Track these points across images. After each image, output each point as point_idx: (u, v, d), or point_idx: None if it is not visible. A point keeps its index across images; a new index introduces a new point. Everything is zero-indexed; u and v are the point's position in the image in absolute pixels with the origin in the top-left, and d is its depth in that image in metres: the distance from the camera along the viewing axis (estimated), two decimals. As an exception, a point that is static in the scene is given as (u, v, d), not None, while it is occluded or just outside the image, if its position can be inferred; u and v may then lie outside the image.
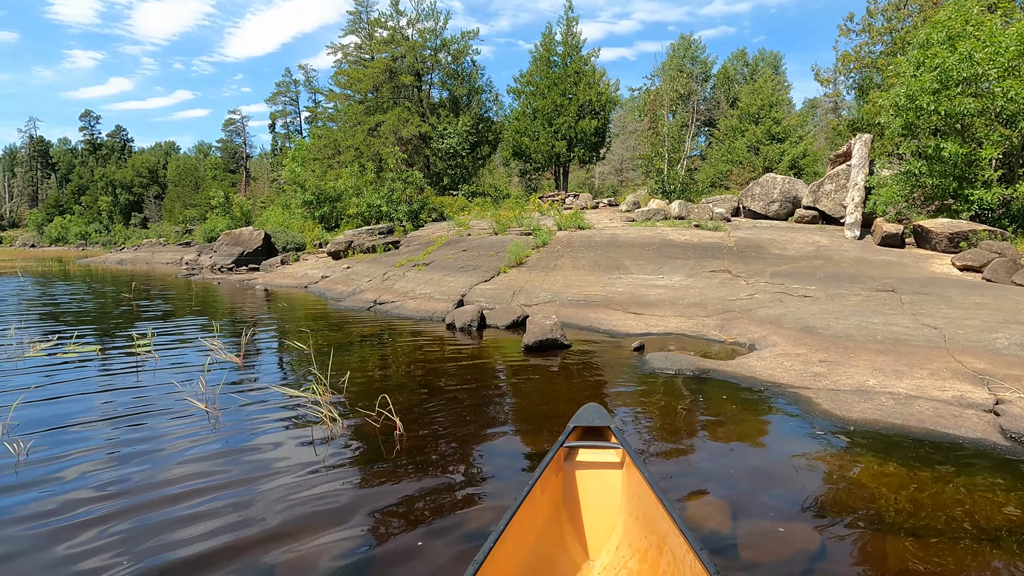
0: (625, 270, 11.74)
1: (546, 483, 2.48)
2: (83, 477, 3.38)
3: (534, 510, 2.32)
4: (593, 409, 3.00)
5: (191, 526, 2.81)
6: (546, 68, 29.70)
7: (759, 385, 4.98)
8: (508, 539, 2.04)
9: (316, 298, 13.04)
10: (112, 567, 2.49)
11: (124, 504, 3.03)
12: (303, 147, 31.42)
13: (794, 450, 3.63)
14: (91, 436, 4.05)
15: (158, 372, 5.96)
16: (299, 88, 62.62)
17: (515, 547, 2.11)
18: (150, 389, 5.27)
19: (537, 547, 2.30)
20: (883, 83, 18.14)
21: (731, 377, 5.24)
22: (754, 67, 48.56)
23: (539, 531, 2.36)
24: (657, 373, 5.52)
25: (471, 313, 8.31)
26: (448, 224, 19.06)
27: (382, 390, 5.16)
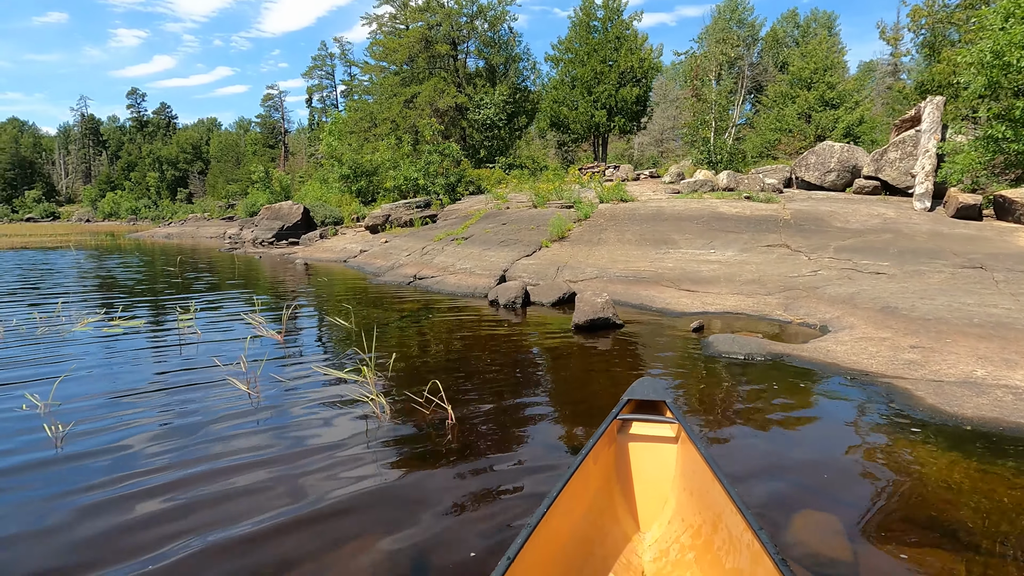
0: (673, 244, 11.15)
1: (599, 454, 2.47)
2: (121, 458, 3.23)
3: (586, 480, 2.32)
4: (648, 383, 2.95)
5: (241, 504, 2.60)
6: (586, 34, 28.52)
7: (844, 373, 4.47)
8: (560, 507, 2.04)
9: (355, 272, 12.93)
10: (161, 544, 2.40)
11: (171, 477, 2.86)
12: (339, 121, 31.29)
13: (908, 458, 3.09)
14: (128, 418, 3.90)
15: (201, 347, 5.85)
16: (335, 62, 62.58)
17: (566, 515, 2.11)
18: (191, 366, 5.13)
19: (589, 516, 2.31)
20: (961, 39, 16.58)
21: (809, 363, 4.74)
22: (805, 28, 45.75)
23: (590, 501, 2.36)
24: (722, 357, 5.06)
25: (515, 289, 7.96)
26: (486, 197, 18.65)
27: (428, 372, 4.88)
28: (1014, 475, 2.87)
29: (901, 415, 3.65)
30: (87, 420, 3.82)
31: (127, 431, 3.63)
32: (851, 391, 4.12)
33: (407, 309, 8.09)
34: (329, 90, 64.22)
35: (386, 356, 5.37)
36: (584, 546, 2.20)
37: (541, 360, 5.35)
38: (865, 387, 4.17)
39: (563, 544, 2.08)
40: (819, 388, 4.23)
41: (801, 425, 3.57)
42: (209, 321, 7.31)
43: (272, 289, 10.63)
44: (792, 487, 2.83)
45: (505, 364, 5.19)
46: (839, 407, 3.82)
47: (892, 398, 3.91)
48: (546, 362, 5.29)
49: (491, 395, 4.30)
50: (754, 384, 4.40)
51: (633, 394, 2.85)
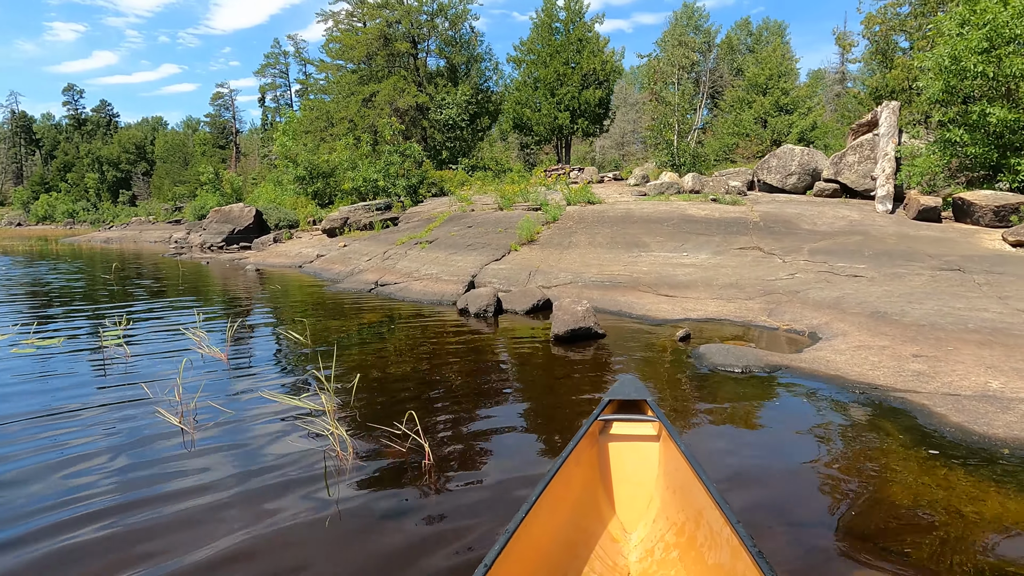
0: (645, 247, 10.87)
1: (581, 455, 2.44)
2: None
3: (568, 481, 2.28)
4: (629, 382, 2.92)
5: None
6: (548, 35, 28.29)
7: (851, 387, 4.14)
8: (542, 510, 1.99)
9: (311, 279, 12.13)
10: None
11: (55, 553, 2.20)
12: (294, 120, 30.05)
13: (955, 494, 2.69)
14: (13, 460, 3.18)
15: (130, 369, 5.09)
16: (289, 60, 60.60)
17: (549, 517, 2.05)
18: (112, 397, 4.38)
19: (572, 518, 2.27)
20: (913, 47, 17.07)
21: (811, 377, 4.40)
22: (758, 36, 47.03)
23: (574, 502, 2.32)
24: (718, 371, 4.68)
25: (486, 297, 7.44)
26: (449, 199, 18.05)
27: (397, 396, 4.31)
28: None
29: (929, 438, 3.29)
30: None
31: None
32: (867, 410, 3.78)
33: (369, 320, 7.44)
34: (283, 89, 62.20)
35: (348, 376, 4.76)
36: (568, 549, 2.14)
37: (523, 378, 4.85)
38: (879, 404, 3.84)
39: (545, 548, 2.01)
40: (831, 407, 3.87)
41: (832, 461, 3.16)
42: (143, 337, 6.49)
43: (219, 299, 9.75)
44: (843, 540, 2.41)
45: (484, 383, 4.67)
46: (861, 432, 3.43)
47: (913, 417, 3.58)
48: (529, 380, 4.79)
49: (471, 423, 3.77)
50: (760, 404, 4.01)
51: (615, 394, 2.82)
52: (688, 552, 2.05)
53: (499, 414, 3.94)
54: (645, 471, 2.58)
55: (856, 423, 3.58)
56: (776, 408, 3.92)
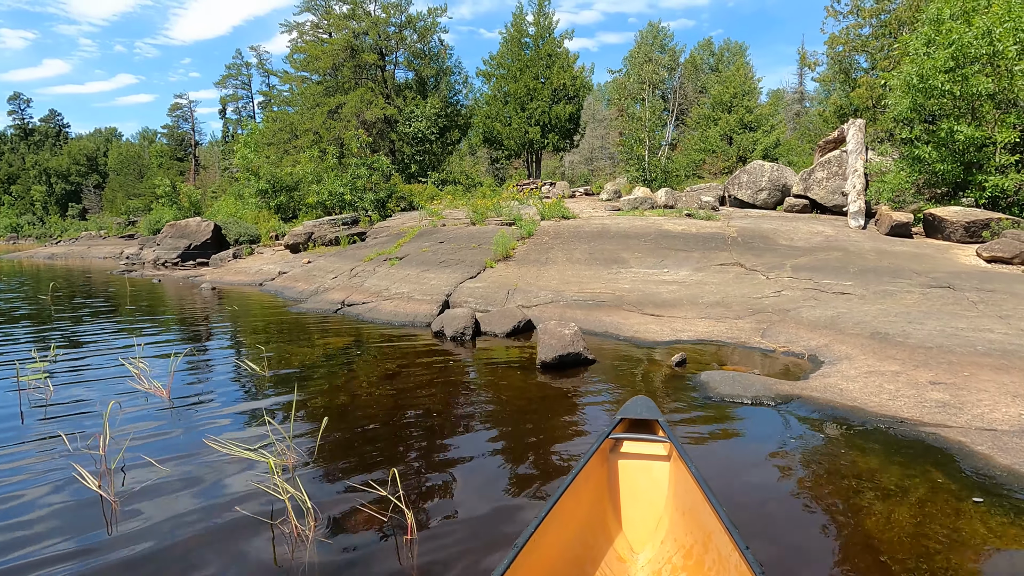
0: (624, 263, 10.54)
1: (591, 473, 2.45)
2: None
3: (578, 499, 2.28)
4: (641, 402, 2.91)
5: None
6: (517, 50, 28.21)
7: (874, 421, 3.77)
8: (550, 526, 2.00)
9: (272, 298, 11.35)
10: None
11: None
12: (256, 131, 29.06)
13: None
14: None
15: (50, 412, 4.36)
16: (251, 71, 59.15)
17: (557, 534, 2.07)
18: (21, 451, 3.67)
19: (580, 535, 2.27)
20: (876, 66, 17.49)
21: (828, 409, 4.03)
22: (720, 56, 48.38)
23: (582, 520, 2.32)
24: (725, 401, 4.27)
25: (463, 319, 6.91)
26: (419, 213, 17.48)
27: (369, 440, 3.73)
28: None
29: (979, 485, 2.92)
30: None
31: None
32: (898, 449, 3.38)
33: (335, 345, 6.80)
34: (245, 101, 60.61)
35: (311, 415, 4.16)
36: (576, 566, 2.15)
37: (513, 413, 4.33)
38: (911, 442, 3.46)
39: (553, 564, 2.01)
40: (859, 447, 3.47)
41: (878, 516, 2.74)
42: (70, 370, 5.71)
43: (167, 322, 8.93)
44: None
45: (469, 422, 4.13)
46: (901, 479, 3.01)
47: (952, 456, 3.22)
48: (520, 416, 4.27)
49: (459, 475, 3.23)
50: (780, 442, 3.59)
51: (626, 413, 2.81)
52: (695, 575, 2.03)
53: (491, 465, 3.41)
54: (655, 491, 2.56)
55: (892, 466, 3.18)
56: (798, 448, 3.51)
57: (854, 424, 3.76)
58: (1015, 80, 10.92)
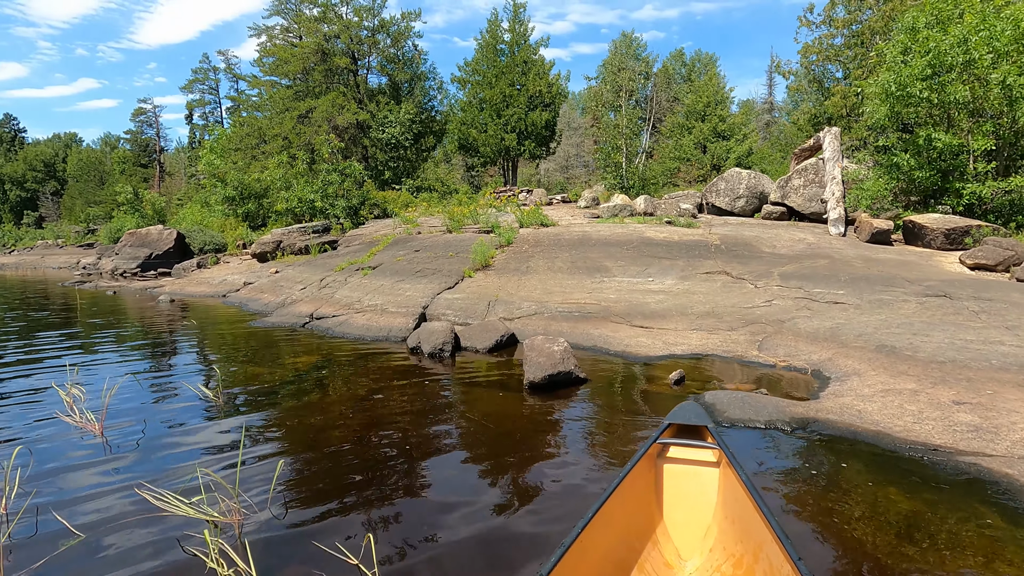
0: (607, 272, 10.19)
1: (637, 477, 2.42)
2: None
3: (624, 502, 2.26)
4: (690, 407, 2.87)
5: None
6: (493, 56, 27.92)
7: (903, 448, 3.41)
8: (596, 527, 1.99)
9: (235, 311, 10.65)
10: None
11: None
12: (223, 137, 28.07)
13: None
14: None
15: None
16: (219, 76, 57.62)
17: (603, 536, 2.05)
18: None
19: (626, 539, 2.26)
20: (849, 76, 17.67)
21: (850, 434, 3.66)
22: (691, 67, 49.13)
23: (628, 524, 2.30)
24: (736, 427, 3.87)
25: (442, 334, 6.41)
26: (393, 221, 16.91)
27: (336, 484, 3.21)
28: None
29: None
30: None
31: None
32: (939, 484, 2.99)
33: (300, 364, 6.22)
34: (213, 106, 59.00)
35: (268, 453, 3.61)
36: (621, 570, 2.13)
37: (503, 449, 3.84)
38: (950, 474, 3.10)
39: (598, 566, 2.00)
40: (895, 481, 3.06)
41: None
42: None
43: (114, 339, 8.19)
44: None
45: (453, 462, 3.64)
46: (956, 524, 2.60)
47: (1004, 493, 2.85)
48: (512, 452, 3.79)
49: (446, 534, 2.73)
50: (806, 476, 3.18)
51: (674, 418, 2.78)
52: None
53: (486, 519, 2.91)
54: (703, 498, 2.52)
55: (938, 507, 2.80)
56: (825, 485, 3.11)
57: (883, 453, 3.39)
58: (990, 88, 10.97)
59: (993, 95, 11.00)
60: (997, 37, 10.75)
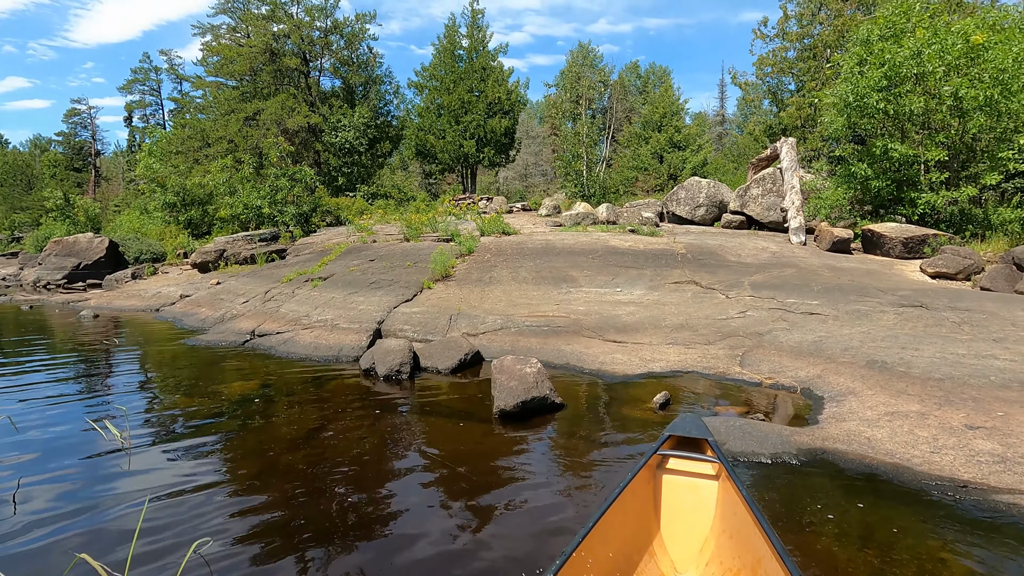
0: (574, 282, 9.76)
1: (637, 489, 2.42)
2: None
3: (624, 514, 2.25)
4: (690, 420, 2.88)
5: None
6: (451, 62, 27.39)
7: (929, 486, 3.01)
8: (595, 539, 2.00)
9: (168, 327, 9.64)
10: None
11: None
12: (163, 139, 26.39)
13: None
14: None
15: None
16: (162, 76, 54.85)
17: (602, 546, 2.06)
18: None
19: (625, 551, 2.24)
20: (803, 88, 18.02)
21: (863, 467, 3.25)
22: (646, 79, 50.10)
23: (627, 536, 2.29)
24: (739, 461, 3.41)
25: (399, 353, 5.76)
26: (347, 229, 16.07)
27: (267, 563, 2.55)
28: None
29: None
30: None
31: None
32: (991, 535, 2.59)
33: (235, 393, 5.43)
34: (154, 108, 56.10)
35: (179, 521, 2.90)
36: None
37: (474, 494, 3.25)
38: (992, 518, 2.71)
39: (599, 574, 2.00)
40: (933, 531, 2.64)
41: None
42: None
43: (16, 364, 7.13)
44: None
45: (416, 522, 3.02)
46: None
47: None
48: (484, 500, 3.21)
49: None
50: (838, 529, 2.73)
51: (674, 430, 2.78)
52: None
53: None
54: (701, 511, 2.52)
55: (992, 566, 2.38)
56: (861, 534, 2.67)
57: (906, 491, 2.98)
58: (942, 100, 11.19)
59: (945, 107, 11.23)
60: (948, 51, 10.98)
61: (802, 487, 3.11)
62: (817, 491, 3.07)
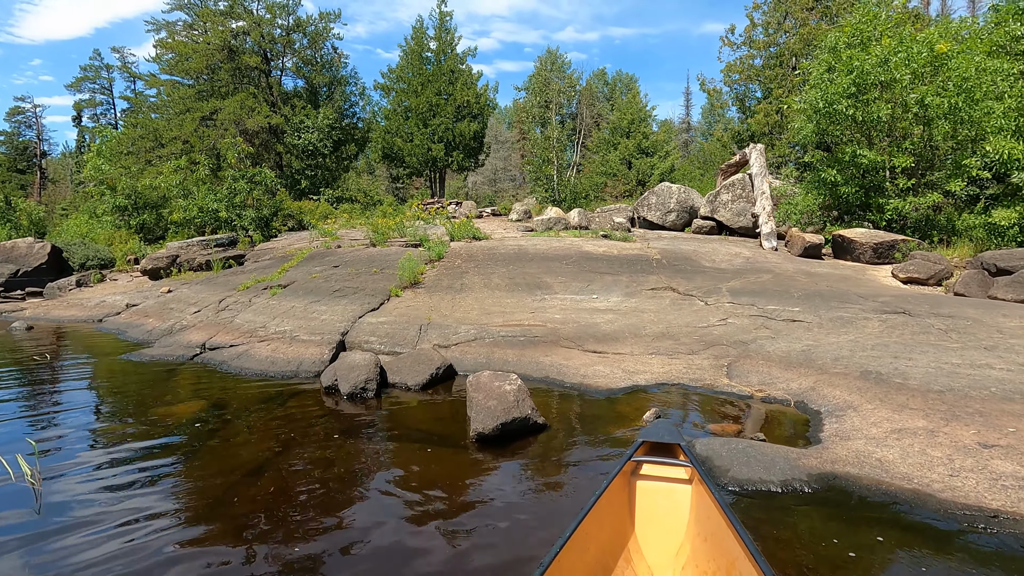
0: (549, 289, 9.42)
1: (612, 496, 2.42)
2: None
3: (600, 520, 2.25)
4: (663, 425, 2.91)
5: None
6: (418, 64, 26.88)
7: (959, 516, 2.72)
8: (574, 546, 2.00)
9: (111, 339, 8.87)
10: None
11: None
12: (112, 139, 25.02)
13: None
14: None
15: None
16: (113, 74, 52.52)
17: (580, 555, 2.06)
18: None
19: (602, 559, 2.24)
20: (770, 95, 18.22)
21: (879, 493, 2.96)
22: (613, 86, 50.61)
23: (604, 543, 2.29)
24: (746, 491, 3.08)
25: (364, 368, 5.28)
26: (310, 234, 15.38)
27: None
28: None
29: None
30: None
31: None
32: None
33: (178, 416, 4.86)
34: (106, 108, 53.66)
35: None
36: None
37: (453, 543, 2.83)
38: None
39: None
40: (966, 567, 2.37)
41: None
42: None
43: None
44: None
45: (383, 569, 2.58)
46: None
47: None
48: (459, 544, 2.78)
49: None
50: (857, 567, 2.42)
51: (647, 436, 2.79)
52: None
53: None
54: (676, 516, 2.53)
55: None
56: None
57: (931, 522, 2.70)
58: (909, 107, 11.32)
59: (911, 115, 11.37)
60: (914, 59, 11.12)
61: (818, 518, 2.80)
62: (834, 523, 2.76)
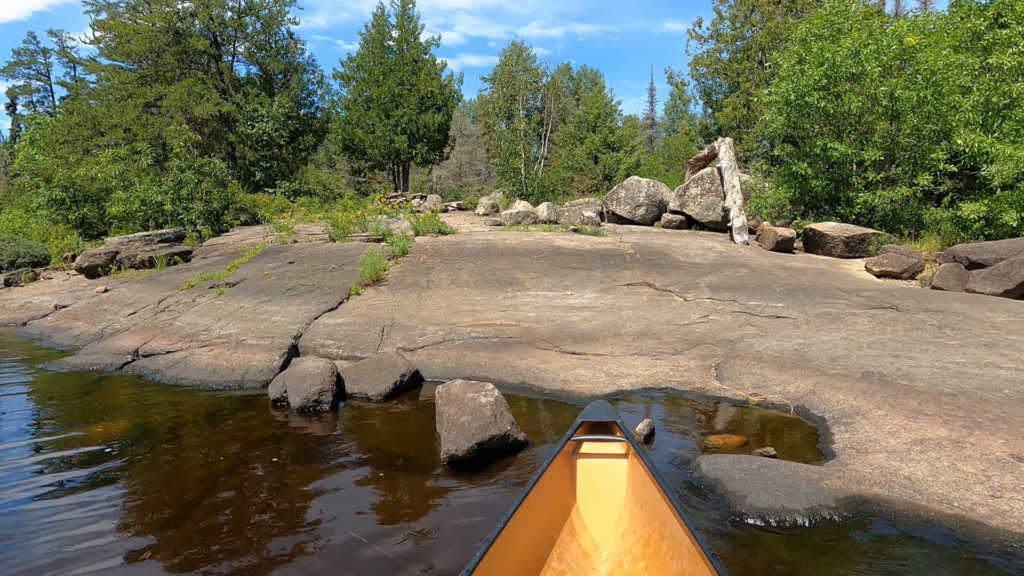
0: (520, 285, 8.93)
1: (553, 474, 2.51)
2: None
3: (542, 498, 2.33)
4: (601, 406, 3.04)
5: None
6: (380, 52, 25.91)
7: (1013, 547, 2.36)
8: (517, 523, 2.04)
9: (32, 346, 7.92)
10: None
11: None
12: (46, 127, 23.21)
13: None
14: None
15: None
16: (51, 59, 49.28)
17: (524, 531, 2.10)
18: None
19: (547, 533, 2.31)
20: (738, 89, 18.15)
21: (915, 517, 2.57)
22: (578, 81, 50.49)
23: (548, 518, 2.37)
24: (770, 526, 2.63)
25: (317, 377, 4.65)
26: (264, 228, 14.46)
27: None
28: None
29: None
30: None
31: None
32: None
33: (94, 438, 4.13)
34: (43, 95, 50.35)
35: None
36: (542, 563, 2.17)
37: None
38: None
39: (521, 560, 2.05)
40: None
41: None
42: None
43: None
44: None
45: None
46: None
47: None
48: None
49: None
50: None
51: (586, 416, 2.94)
52: (653, 563, 2.09)
53: None
54: (615, 489, 2.64)
55: None
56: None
57: (991, 562, 2.31)
58: (878, 100, 11.28)
59: (880, 108, 11.33)
60: (884, 51, 11.06)
61: (859, 559, 2.37)
62: (880, 561, 2.35)
